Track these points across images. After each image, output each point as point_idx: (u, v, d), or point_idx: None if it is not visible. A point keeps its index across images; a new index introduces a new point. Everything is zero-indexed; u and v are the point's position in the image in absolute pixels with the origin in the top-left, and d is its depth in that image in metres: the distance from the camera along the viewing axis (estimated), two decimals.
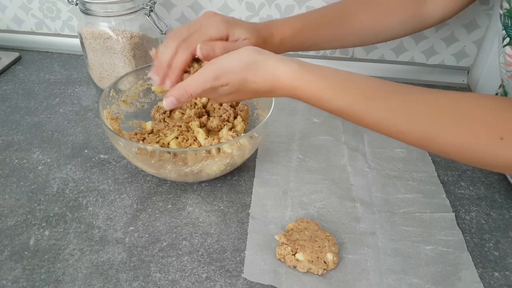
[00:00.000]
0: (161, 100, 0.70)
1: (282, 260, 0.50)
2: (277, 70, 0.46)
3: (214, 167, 0.56)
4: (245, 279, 0.49)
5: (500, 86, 0.66)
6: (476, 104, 0.41)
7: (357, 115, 0.45)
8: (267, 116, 0.57)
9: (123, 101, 0.67)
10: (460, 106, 0.41)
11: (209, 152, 0.53)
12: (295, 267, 0.50)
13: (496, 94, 0.69)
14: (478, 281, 0.49)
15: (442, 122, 0.41)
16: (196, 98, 0.69)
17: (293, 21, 0.60)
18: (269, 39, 0.57)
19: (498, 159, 0.39)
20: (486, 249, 0.53)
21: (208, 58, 0.51)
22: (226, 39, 0.54)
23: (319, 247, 0.50)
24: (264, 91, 0.48)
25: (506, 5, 0.56)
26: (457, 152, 0.41)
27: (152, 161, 0.54)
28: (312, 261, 0.49)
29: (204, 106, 0.68)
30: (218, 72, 0.48)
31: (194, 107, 0.67)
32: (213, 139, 0.59)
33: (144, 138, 0.62)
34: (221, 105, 0.67)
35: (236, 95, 0.50)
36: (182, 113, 0.66)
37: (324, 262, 0.49)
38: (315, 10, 0.63)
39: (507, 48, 0.57)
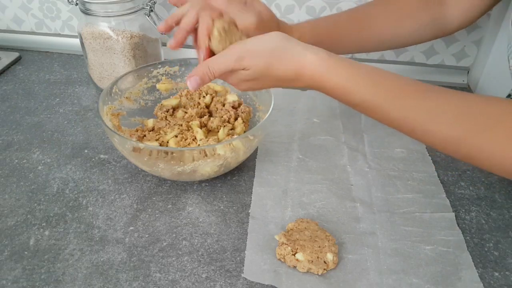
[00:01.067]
0: (164, 98, 0.71)
1: (282, 260, 0.50)
2: (304, 57, 0.45)
3: (207, 167, 0.56)
4: (245, 279, 0.49)
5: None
6: (501, 109, 0.40)
7: (382, 111, 0.44)
8: (263, 120, 0.57)
9: (126, 97, 0.67)
10: (486, 110, 0.40)
11: (202, 152, 0.54)
12: (295, 267, 0.50)
13: (509, 95, 0.67)
14: (478, 281, 0.49)
15: (467, 126, 0.40)
16: (199, 97, 0.68)
17: (315, 23, 0.59)
18: (285, 31, 0.55)
19: None
20: (486, 249, 0.53)
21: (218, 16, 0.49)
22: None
23: (319, 247, 0.50)
24: (288, 79, 0.47)
25: None
26: (480, 157, 0.40)
27: (145, 159, 0.55)
28: (312, 261, 0.49)
29: (207, 106, 0.68)
30: (242, 53, 0.46)
31: (197, 107, 0.67)
32: (207, 140, 0.59)
33: (144, 135, 0.63)
34: (223, 105, 0.67)
35: (256, 82, 0.48)
36: (185, 112, 0.66)
37: (324, 262, 0.49)
38: (331, 15, 0.62)
39: None
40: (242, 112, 0.66)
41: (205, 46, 0.49)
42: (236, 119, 0.65)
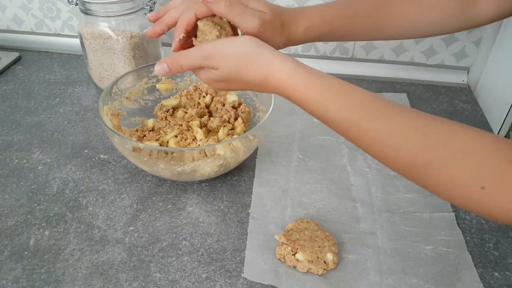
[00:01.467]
0: (164, 98, 0.71)
1: (282, 260, 0.50)
2: (272, 65, 0.45)
3: (207, 167, 0.56)
4: (245, 279, 0.49)
5: None
6: (465, 145, 0.38)
7: (341, 126, 0.43)
8: (263, 120, 0.57)
9: (126, 97, 0.67)
10: (449, 143, 0.38)
11: (202, 152, 0.54)
12: (295, 267, 0.50)
13: None
14: (478, 281, 0.49)
15: (426, 156, 0.38)
16: (199, 97, 0.68)
17: (324, 8, 0.55)
18: (290, 25, 0.53)
19: (479, 208, 0.37)
20: (486, 249, 0.53)
21: (207, 13, 0.48)
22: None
23: (319, 247, 0.50)
24: (256, 83, 0.47)
25: None
26: (436, 187, 0.39)
27: (145, 159, 0.55)
28: (312, 261, 0.49)
29: (207, 106, 0.68)
30: (210, 53, 0.46)
31: (197, 107, 0.67)
32: (207, 140, 0.59)
33: (144, 135, 0.63)
34: (223, 105, 0.67)
35: (226, 83, 0.48)
36: (185, 112, 0.66)
37: (324, 262, 0.49)
38: (344, 4, 0.57)
39: None
40: (242, 112, 0.66)
41: (178, 38, 0.49)
42: (236, 119, 0.65)
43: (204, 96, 0.69)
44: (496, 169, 0.36)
